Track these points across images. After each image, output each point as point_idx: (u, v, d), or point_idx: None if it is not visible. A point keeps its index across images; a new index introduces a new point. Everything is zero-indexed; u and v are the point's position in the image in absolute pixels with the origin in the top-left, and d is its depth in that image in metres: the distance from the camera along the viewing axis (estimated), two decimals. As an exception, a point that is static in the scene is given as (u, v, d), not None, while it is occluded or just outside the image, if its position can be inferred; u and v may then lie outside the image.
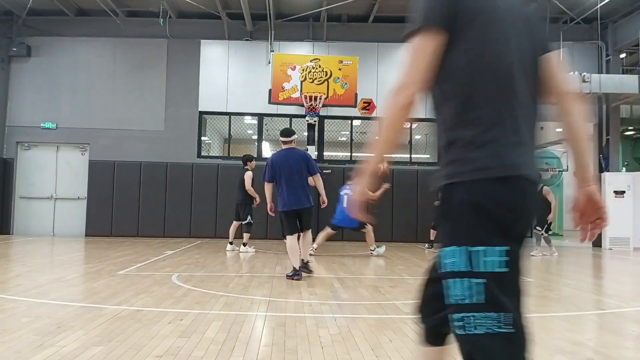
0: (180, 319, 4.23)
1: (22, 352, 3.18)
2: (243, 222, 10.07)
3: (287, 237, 6.75)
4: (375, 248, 9.94)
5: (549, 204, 10.67)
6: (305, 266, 6.83)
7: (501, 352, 1.45)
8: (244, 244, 10.18)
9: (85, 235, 13.53)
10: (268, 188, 6.83)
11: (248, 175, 9.94)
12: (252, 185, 9.82)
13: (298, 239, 6.82)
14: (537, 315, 4.84)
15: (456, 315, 1.50)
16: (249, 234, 10.14)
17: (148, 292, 5.42)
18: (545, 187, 11.02)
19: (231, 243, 10.36)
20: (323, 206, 7.04)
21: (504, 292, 1.46)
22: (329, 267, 8.00)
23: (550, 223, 11.06)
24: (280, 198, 6.71)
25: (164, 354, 3.23)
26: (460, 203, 1.52)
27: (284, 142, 6.91)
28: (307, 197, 6.75)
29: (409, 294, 5.72)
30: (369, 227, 9.66)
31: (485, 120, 1.53)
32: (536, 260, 9.81)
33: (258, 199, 9.84)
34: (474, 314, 1.46)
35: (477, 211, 1.49)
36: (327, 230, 9.89)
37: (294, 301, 5.16)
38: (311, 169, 6.80)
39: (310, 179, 6.92)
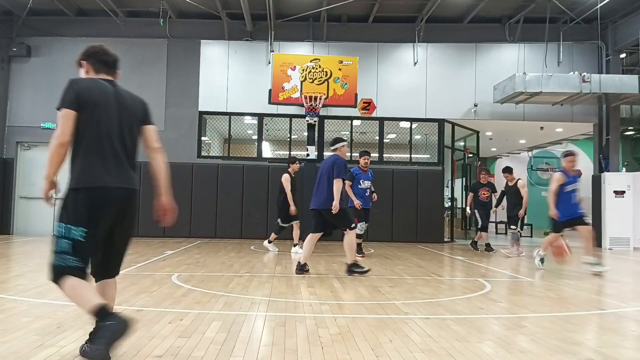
0: (180, 319, 4.23)
1: (22, 352, 3.18)
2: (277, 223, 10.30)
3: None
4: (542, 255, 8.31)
5: (522, 198, 10.39)
6: (350, 269, 7.12)
7: (67, 270, 2.91)
8: (269, 242, 10.41)
9: (85, 235, 13.50)
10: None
11: (285, 178, 10.05)
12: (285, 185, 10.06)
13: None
14: (537, 315, 4.84)
15: (53, 255, 2.96)
16: (275, 235, 10.37)
17: (148, 292, 5.43)
18: (520, 181, 10.70)
19: (295, 245, 10.38)
20: (334, 211, 6.97)
21: (80, 250, 2.92)
22: (328, 267, 8.00)
23: (523, 219, 10.67)
24: None
25: (164, 354, 3.23)
26: (72, 200, 2.94)
27: (331, 150, 7.43)
28: (329, 200, 6.93)
29: (409, 294, 5.72)
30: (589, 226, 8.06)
31: (88, 158, 2.97)
32: (534, 260, 9.78)
33: (293, 207, 9.99)
34: (61, 255, 2.92)
35: (75, 206, 2.92)
36: (553, 235, 8.08)
37: (294, 301, 5.16)
38: (333, 173, 6.99)
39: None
